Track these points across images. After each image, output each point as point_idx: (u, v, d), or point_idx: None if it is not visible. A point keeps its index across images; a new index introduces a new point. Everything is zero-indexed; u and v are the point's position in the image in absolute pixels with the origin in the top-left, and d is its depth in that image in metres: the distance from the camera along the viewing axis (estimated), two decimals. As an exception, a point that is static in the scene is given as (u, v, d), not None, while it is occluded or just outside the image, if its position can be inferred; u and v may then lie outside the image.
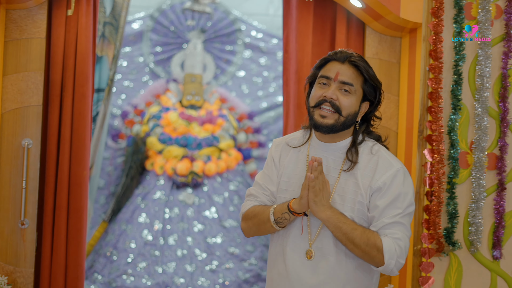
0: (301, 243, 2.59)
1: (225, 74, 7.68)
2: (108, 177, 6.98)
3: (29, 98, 4.36)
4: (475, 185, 3.93)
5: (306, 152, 2.69)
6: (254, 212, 2.70)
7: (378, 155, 2.59)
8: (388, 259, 2.41)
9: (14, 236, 4.33)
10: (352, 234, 2.42)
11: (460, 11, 3.96)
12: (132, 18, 7.55)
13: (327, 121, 2.53)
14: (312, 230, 2.58)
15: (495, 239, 3.98)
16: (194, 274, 6.37)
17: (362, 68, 2.58)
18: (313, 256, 2.56)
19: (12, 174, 4.34)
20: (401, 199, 2.51)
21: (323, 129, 2.55)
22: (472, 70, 3.99)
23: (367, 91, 2.60)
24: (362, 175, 2.56)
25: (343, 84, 2.55)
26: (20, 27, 4.38)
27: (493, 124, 4.00)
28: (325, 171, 2.58)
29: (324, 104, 2.54)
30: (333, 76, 2.56)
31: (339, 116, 2.53)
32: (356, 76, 2.57)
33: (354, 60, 2.58)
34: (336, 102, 2.53)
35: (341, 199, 2.55)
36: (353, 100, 2.56)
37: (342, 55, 2.60)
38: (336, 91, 2.54)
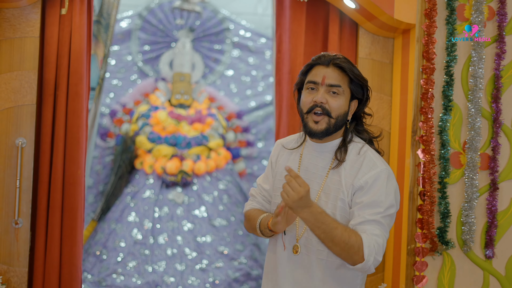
0: (290, 239, 2.68)
1: (214, 73, 7.68)
2: (97, 176, 6.95)
3: (22, 97, 4.34)
4: (468, 185, 3.97)
5: (300, 152, 2.79)
6: (250, 216, 2.85)
7: (364, 155, 2.64)
8: (368, 255, 2.40)
9: (8, 236, 4.31)
10: (332, 233, 2.38)
11: (452, 13, 4.00)
12: (121, 16, 7.52)
13: (320, 127, 2.61)
14: (300, 226, 2.67)
15: (487, 238, 4.02)
16: (184, 273, 6.36)
17: (347, 69, 2.63)
18: (299, 251, 2.64)
19: (6, 174, 4.32)
20: (382, 198, 2.52)
21: (318, 135, 2.63)
22: (465, 71, 4.03)
23: (354, 90, 2.66)
24: (346, 174, 2.61)
25: (331, 87, 2.61)
26: (14, 26, 4.35)
27: (485, 125, 4.04)
28: (314, 170, 2.69)
29: (316, 109, 2.61)
30: (320, 80, 2.62)
31: (329, 118, 2.61)
32: (342, 77, 2.63)
33: (338, 62, 2.64)
34: (326, 106, 2.60)
35: (325, 197, 2.62)
36: (342, 101, 2.63)
37: (326, 58, 2.66)
38: (325, 95, 2.61)
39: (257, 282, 6.45)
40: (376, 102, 4.51)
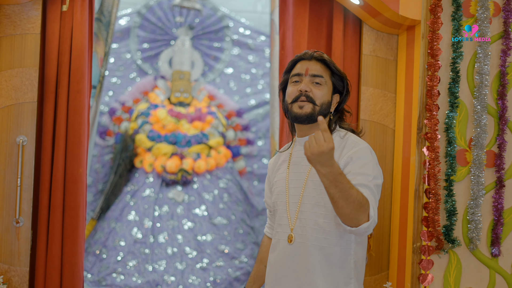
0: (284, 229, 2.78)
1: (213, 71, 7.65)
2: (96, 175, 6.92)
3: (23, 95, 4.30)
4: (474, 183, 3.94)
5: (290, 151, 2.92)
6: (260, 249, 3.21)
7: (347, 139, 2.75)
8: (373, 214, 2.48)
9: (9, 235, 4.27)
10: (348, 192, 2.37)
11: (458, 9, 3.97)
12: (119, 14, 7.48)
13: (305, 110, 2.72)
14: (292, 216, 2.76)
15: (493, 236, 3.99)
16: (185, 272, 6.34)
17: (328, 62, 2.81)
18: (293, 240, 2.72)
19: (6, 172, 4.27)
20: (370, 168, 2.61)
21: (303, 118, 2.73)
22: (471, 68, 4.00)
23: (336, 83, 2.81)
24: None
25: (314, 77, 2.76)
26: (14, 22, 4.31)
27: (491, 122, 4.01)
28: (303, 162, 2.79)
29: (300, 98, 2.73)
30: (303, 71, 2.78)
31: (314, 105, 2.72)
32: (324, 70, 2.79)
33: (319, 55, 2.82)
34: (310, 94, 2.73)
35: (313, 184, 2.71)
36: (325, 91, 2.77)
37: (308, 54, 2.83)
38: (308, 84, 2.75)
39: (258, 281, 6.41)
40: (380, 99, 4.48)
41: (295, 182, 2.79)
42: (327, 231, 2.65)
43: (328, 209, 2.64)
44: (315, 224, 2.67)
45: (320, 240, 2.65)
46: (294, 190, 2.78)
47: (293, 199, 2.77)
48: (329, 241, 2.65)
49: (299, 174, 2.79)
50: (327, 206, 2.64)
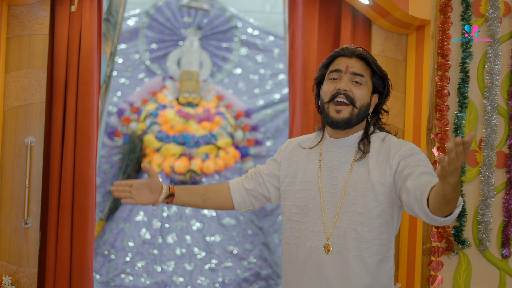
0: (319, 237, 2.60)
1: (222, 72, 7.65)
2: (105, 175, 6.92)
3: (32, 96, 4.29)
4: (484, 183, 3.92)
5: (319, 150, 2.73)
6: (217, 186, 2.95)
7: (389, 141, 2.61)
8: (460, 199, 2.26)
9: (17, 236, 4.27)
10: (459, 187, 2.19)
11: (467, 8, 3.96)
12: (128, 14, 7.49)
13: (343, 115, 2.57)
14: (328, 224, 2.59)
15: (504, 237, 3.97)
16: (193, 273, 6.33)
17: (369, 60, 2.65)
18: (331, 250, 2.55)
19: (15, 173, 4.27)
20: (425, 161, 2.47)
21: (340, 124, 2.59)
22: (481, 68, 3.98)
23: (376, 82, 2.66)
24: (374, 164, 2.57)
25: (355, 75, 2.61)
26: (23, 23, 4.31)
27: (501, 122, 3.99)
28: (338, 166, 2.63)
29: (339, 97, 2.58)
30: (343, 68, 2.62)
31: (353, 107, 2.58)
32: (365, 68, 2.64)
33: (361, 53, 2.65)
34: (350, 93, 2.58)
35: (354, 191, 2.56)
36: (365, 91, 2.61)
37: (349, 50, 2.66)
38: (348, 83, 2.60)
39: (267, 282, 6.42)
40: (390, 100, 4.44)
41: (330, 187, 2.62)
42: (368, 239, 2.52)
43: (369, 217, 2.52)
44: (355, 233, 2.53)
45: (360, 250, 2.52)
46: (330, 196, 2.61)
47: (330, 205, 2.60)
48: (371, 251, 2.52)
49: (336, 179, 2.62)
50: (367, 213, 2.52)
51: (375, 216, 2.52)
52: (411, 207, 2.38)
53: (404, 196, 2.42)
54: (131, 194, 2.71)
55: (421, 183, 2.32)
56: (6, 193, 4.27)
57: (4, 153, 4.28)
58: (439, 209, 2.23)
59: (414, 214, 2.40)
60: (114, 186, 2.71)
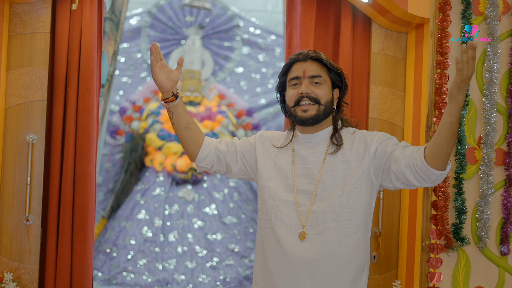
0: (291, 223, 2.71)
1: (224, 71, 7.67)
2: (107, 174, 6.95)
3: (33, 93, 4.32)
4: (483, 181, 3.93)
5: (291, 147, 2.86)
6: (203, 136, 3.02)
7: (360, 133, 2.81)
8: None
9: (19, 232, 4.29)
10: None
11: (468, 7, 3.96)
12: (130, 14, 7.51)
13: (311, 113, 2.74)
14: (303, 211, 2.70)
15: (503, 234, 3.98)
16: (195, 270, 6.35)
17: (324, 60, 2.80)
18: (306, 237, 2.67)
19: (16, 170, 4.30)
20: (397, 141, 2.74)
21: (309, 122, 2.75)
22: (480, 66, 3.99)
23: (334, 78, 2.82)
24: (350, 151, 2.74)
25: (313, 78, 2.76)
26: (24, 21, 4.34)
27: (500, 120, 4.00)
28: (311, 157, 2.78)
29: (303, 100, 2.74)
30: (301, 74, 2.78)
31: (319, 105, 2.74)
32: (321, 68, 2.79)
33: (314, 55, 2.80)
34: (312, 95, 2.74)
35: (330, 178, 2.71)
36: (326, 89, 2.78)
37: (302, 55, 2.81)
38: (309, 86, 2.75)
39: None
40: (389, 98, 4.48)
41: (304, 177, 2.75)
42: (346, 220, 2.65)
43: (348, 198, 2.66)
44: (334, 214, 2.65)
45: (339, 229, 2.65)
46: (304, 185, 2.73)
47: (304, 194, 2.72)
48: (349, 230, 2.65)
49: (310, 169, 2.76)
50: (345, 195, 2.66)
51: (354, 198, 2.66)
52: (402, 174, 2.62)
53: (394, 165, 2.65)
54: (157, 63, 2.78)
55: (410, 151, 2.61)
56: (7, 190, 4.30)
57: (6, 151, 4.31)
58: (438, 154, 2.51)
59: (403, 183, 2.66)
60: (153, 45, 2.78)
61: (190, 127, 2.92)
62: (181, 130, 2.90)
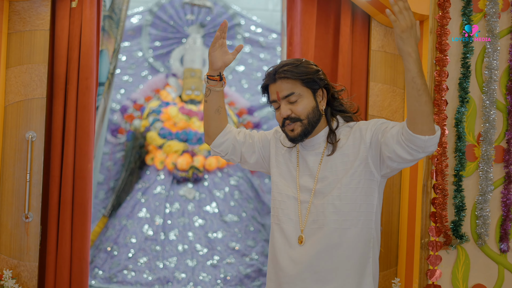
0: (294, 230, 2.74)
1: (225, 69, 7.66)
2: (108, 172, 6.96)
3: (33, 91, 4.32)
4: (482, 178, 3.93)
5: (296, 150, 2.86)
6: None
7: (357, 124, 2.75)
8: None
9: (18, 230, 4.30)
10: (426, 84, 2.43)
11: (468, 4, 3.96)
12: (131, 12, 7.52)
13: (297, 131, 2.71)
14: (303, 213, 2.73)
15: (502, 232, 3.98)
16: (196, 269, 6.36)
17: (291, 76, 2.70)
18: (303, 242, 2.68)
19: (16, 167, 4.30)
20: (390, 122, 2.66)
21: (298, 139, 2.73)
22: (479, 63, 3.99)
23: (310, 85, 2.72)
24: (348, 145, 2.71)
25: (287, 97, 2.70)
26: (24, 19, 4.34)
27: (500, 117, 4.00)
28: (311, 158, 2.78)
29: (286, 123, 2.72)
30: (276, 98, 2.73)
31: (301, 121, 2.70)
32: (293, 83, 2.70)
33: (281, 73, 2.71)
34: (292, 115, 2.70)
35: (331, 174, 2.71)
36: (305, 102, 2.71)
37: (270, 75, 2.75)
38: (286, 107, 2.70)
39: (269, 278, 6.43)
40: (389, 95, 4.47)
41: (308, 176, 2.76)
42: (346, 212, 2.65)
43: (346, 190, 2.65)
44: (333, 207, 2.65)
45: (339, 222, 2.64)
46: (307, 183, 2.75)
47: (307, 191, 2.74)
48: (349, 222, 2.65)
49: (311, 168, 2.76)
50: (344, 187, 2.66)
51: (353, 189, 2.65)
52: (394, 153, 2.53)
53: (384, 148, 2.57)
54: (219, 40, 2.78)
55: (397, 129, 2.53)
56: (7, 187, 4.30)
57: (5, 148, 4.31)
58: (415, 117, 2.41)
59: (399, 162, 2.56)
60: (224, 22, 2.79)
61: (220, 110, 2.94)
62: (211, 111, 2.93)
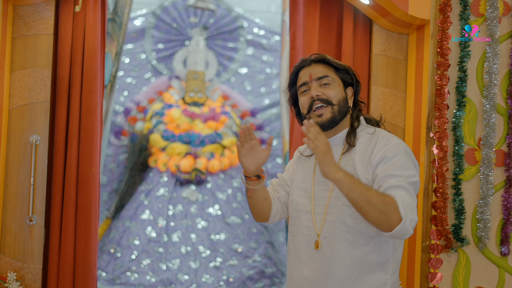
0: (309, 234, 2.69)
1: (228, 71, 7.69)
2: (111, 174, 6.99)
3: (36, 94, 4.36)
4: (483, 182, 3.96)
5: (314, 160, 2.82)
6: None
7: (378, 135, 2.67)
8: (404, 214, 2.38)
9: (22, 233, 4.34)
10: (368, 193, 2.38)
11: (465, 8, 4.00)
12: (134, 15, 7.55)
13: (326, 117, 2.66)
14: (318, 219, 2.67)
15: (503, 235, 4.01)
16: (198, 271, 6.39)
17: (327, 59, 2.75)
18: (320, 246, 2.63)
19: (20, 171, 4.34)
20: (403, 169, 2.52)
21: (326, 126, 2.67)
22: (480, 67, 4.02)
23: (343, 77, 2.75)
24: (360, 156, 2.63)
25: (320, 79, 2.70)
26: (28, 23, 4.38)
27: (500, 121, 4.03)
28: None
29: (315, 104, 2.67)
30: (308, 78, 2.72)
31: (332, 106, 2.67)
32: (327, 69, 2.73)
33: (317, 57, 2.76)
34: (323, 96, 2.67)
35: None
36: (337, 88, 2.70)
37: (305, 61, 2.78)
38: (318, 88, 2.68)
39: (271, 280, 6.46)
40: (390, 99, 4.50)
41: (320, 184, 2.71)
42: (358, 231, 2.57)
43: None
44: (345, 225, 2.59)
45: (350, 241, 2.58)
46: (319, 192, 2.70)
47: (319, 201, 2.68)
48: (360, 242, 2.58)
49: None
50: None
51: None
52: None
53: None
54: (243, 148, 2.69)
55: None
56: (11, 190, 4.34)
57: (9, 151, 4.35)
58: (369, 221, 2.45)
59: None
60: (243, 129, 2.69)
61: (267, 197, 2.85)
62: (258, 203, 2.83)
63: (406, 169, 2.53)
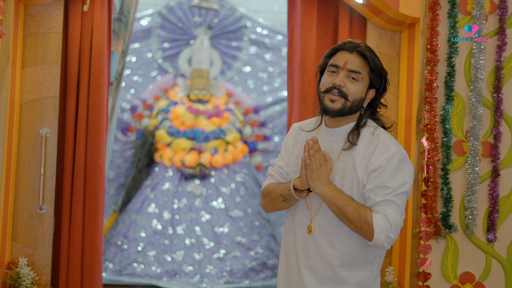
0: (304, 218, 2.76)
1: (232, 70, 7.78)
2: (118, 169, 7.09)
3: (46, 90, 4.55)
4: (470, 172, 4.11)
5: (315, 135, 2.75)
6: (268, 189, 2.91)
7: (378, 138, 2.69)
8: (377, 233, 2.50)
9: (33, 221, 4.52)
10: (345, 209, 2.55)
11: (453, 7, 4.13)
12: (141, 15, 7.65)
13: (336, 106, 2.65)
14: (313, 206, 2.74)
15: (489, 223, 4.15)
16: (202, 262, 6.49)
17: (368, 58, 2.69)
18: (313, 231, 2.70)
19: (31, 162, 4.53)
20: (394, 180, 2.59)
21: (332, 113, 2.68)
22: (468, 63, 4.17)
23: (373, 79, 2.70)
24: (360, 157, 2.66)
25: (351, 72, 2.66)
26: (38, 22, 4.57)
27: (487, 114, 4.17)
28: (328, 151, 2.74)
29: (333, 91, 2.66)
30: (341, 64, 2.68)
31: (346, 101, 2.65)
32: (363, 65, 2.68)
33: (362, 50, 2.69)
34: (343, 89, 2.65)
35: (340, 179, 2.68)
36: (360, 87, 2.67)
37: (351, 45, 2.71)
38: (344, 79, 2.65)
39: (273, 272, 6.56)
40: (384, 93, 4.66)
41: None
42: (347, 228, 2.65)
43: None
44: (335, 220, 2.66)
45: (342, 232, 2.65)
46: None
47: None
48: (354, 236, 2.65)
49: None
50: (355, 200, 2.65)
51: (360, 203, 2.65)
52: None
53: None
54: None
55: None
56: (22, 180, 4.53)
57: (21, 144, 4.54)
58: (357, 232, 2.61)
59: None
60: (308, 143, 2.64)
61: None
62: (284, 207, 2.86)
63: (397, 180, 2.59)
